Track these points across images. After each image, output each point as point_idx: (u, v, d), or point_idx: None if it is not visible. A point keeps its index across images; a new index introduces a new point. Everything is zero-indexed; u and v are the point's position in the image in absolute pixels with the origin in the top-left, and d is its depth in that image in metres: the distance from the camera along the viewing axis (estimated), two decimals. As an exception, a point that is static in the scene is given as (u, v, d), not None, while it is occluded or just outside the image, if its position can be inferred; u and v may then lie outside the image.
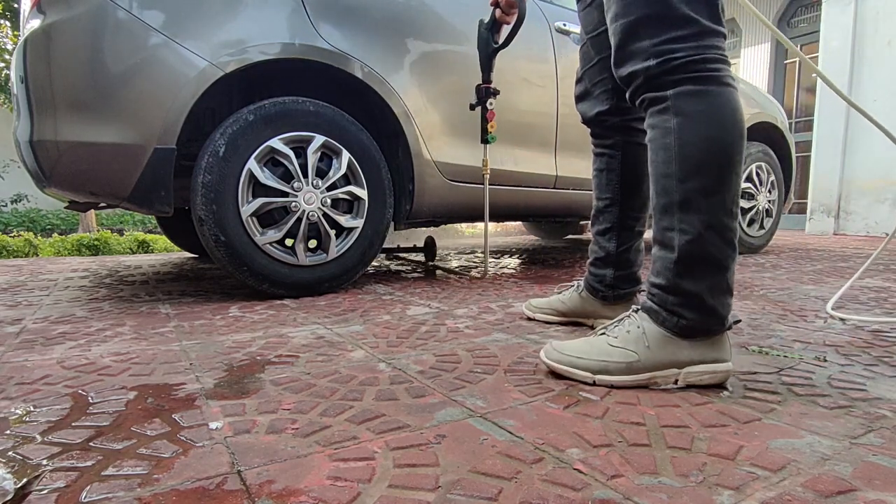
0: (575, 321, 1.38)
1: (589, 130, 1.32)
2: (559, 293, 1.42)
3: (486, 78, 1.91)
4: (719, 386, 0.90)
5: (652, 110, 0.94)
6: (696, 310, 0.89)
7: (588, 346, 0.96)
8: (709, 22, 0.88)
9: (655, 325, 0.93)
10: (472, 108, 2.00)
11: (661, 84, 0.91)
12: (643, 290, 1.09)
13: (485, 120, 1.94)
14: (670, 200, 0.91)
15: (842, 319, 1.40)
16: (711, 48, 0.89)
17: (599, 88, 1.25)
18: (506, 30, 1.82)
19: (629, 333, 0.94)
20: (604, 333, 0.99)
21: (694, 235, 0.89)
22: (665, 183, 0.92)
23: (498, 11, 1.66)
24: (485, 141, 1.99)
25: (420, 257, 3.09)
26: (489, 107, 1.91)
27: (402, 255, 2.86)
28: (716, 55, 0.90)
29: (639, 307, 0.98)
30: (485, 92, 1.93)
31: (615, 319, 1.01)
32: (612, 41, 0.97)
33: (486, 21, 1.85)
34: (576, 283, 1.39)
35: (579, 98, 1.32)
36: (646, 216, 1.27)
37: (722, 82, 0.90)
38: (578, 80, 1.32)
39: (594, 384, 0.92)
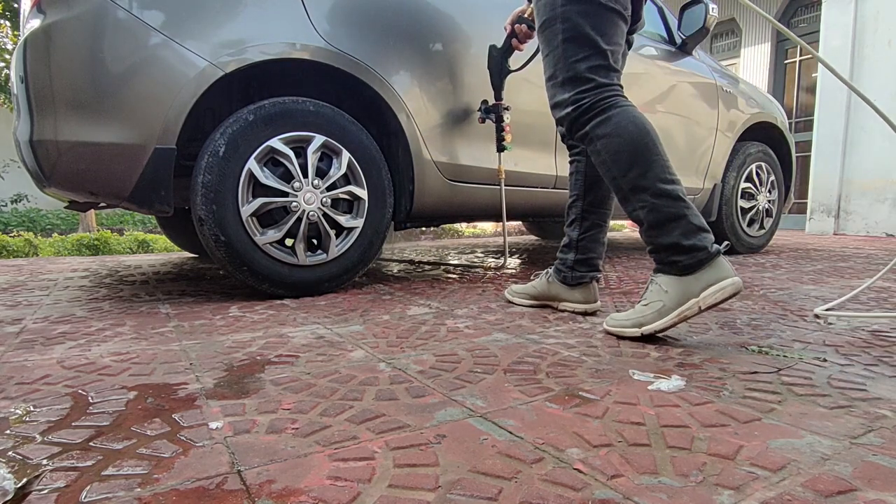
0: (544, 304, 1.61)
1: (567, 144, 1.56)
2: (533, 280, 1.66)
3: (498, 97, 2.08)
4: (720, 385, 0.90)
5: (586, 144, 1.31)
6: (680, 252, 1.18)
7: (630, 312, 1.27)
8: (602, 79, 1.27)
9: (665, 276, 1.21)
10: (483, 121, 2.10)
11: (580, 124, 1.30)
12: (599, 278, 1.53)
13: (501, 130, 2.10)
14: (623, 193, 1.26)
15: (829, 323, 1.39)
16: (607, 91, 1.27)
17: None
18: (517, 54, 1.96)
19: (651, 292, 1.23)
20: (639, 303, 1.27)
21: (650, 206, 1.21)
22: (615, 184, 1.27)
23: (514, 40, 1.85)
24: (501, 149, 2.13)
25: (427, 258, 3.08)
26: (506, 120, 2.10)
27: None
28: (612, 94, 1.28)
29: (651, 274, 1.27)
30: (498, 108, 2.08)
31: (644, 291, 1.29)
32: (548, 94, 1.36)
33: (498, 46, 2.01)
34: (546, 270, 1.62)
35: (558, 123, 1.58)
36: (606, 210, 1.53)
37: (616, 106, 1.26)
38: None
39: (642, 336, 1.21)
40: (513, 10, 2.20)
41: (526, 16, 1.74)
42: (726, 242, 1.21)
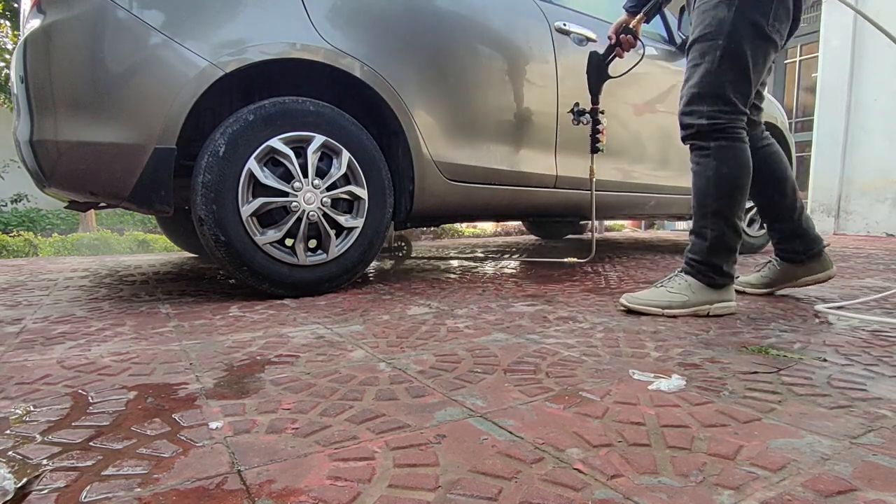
0: (779, 289, 1.78)
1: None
2: (758, 271, 1.81)
3: (595, 101, 2.19)
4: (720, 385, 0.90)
5: (698, 153, 1.48)
6: (719, 273, 1.47)
7: (656, 294, 1.50)
8: (741, 106, 1.44)
9: (695, 280, 1.48)
10: (577, 123, 2.22)
11: (707, 137, 1.45)
12: (827, 244, 1.73)
13: (596, 133, 2.22)
14: (706, 210, 1.47)
15: (836, 317, 1.41)
16: (740, 121, 1.45)
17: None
18: (617, 62, 2.04)
19: (680, 285, 1.48)
20: (662, 286, 1.51)
21: (719, 232, 1.46)
22: (704, 199, 1.47)
23: (618, 49, 1.94)
24: (595, 151, 2.25)
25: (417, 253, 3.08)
26: (603, 124, 2.23)
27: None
28: (741, 125, 1.46)
29: (678, 271, 1.53)
30: (595, 112, 2.21)
31: (666, 278, 1.55)
32: (684, 99, 1.49)
33: (599, 53, 2.08)
34: (770, 259, 1.78)
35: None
36: (797, 201, 1.68)
37: (742, 141, 1.46)
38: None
39: (663, 314, 1.45)
40: (513, 10, 2.21)
41: (631, 26, 1.84)
42: (738, 275, 1.46)
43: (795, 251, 1.69)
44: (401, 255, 2.78)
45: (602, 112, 2.19)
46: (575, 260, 2.63)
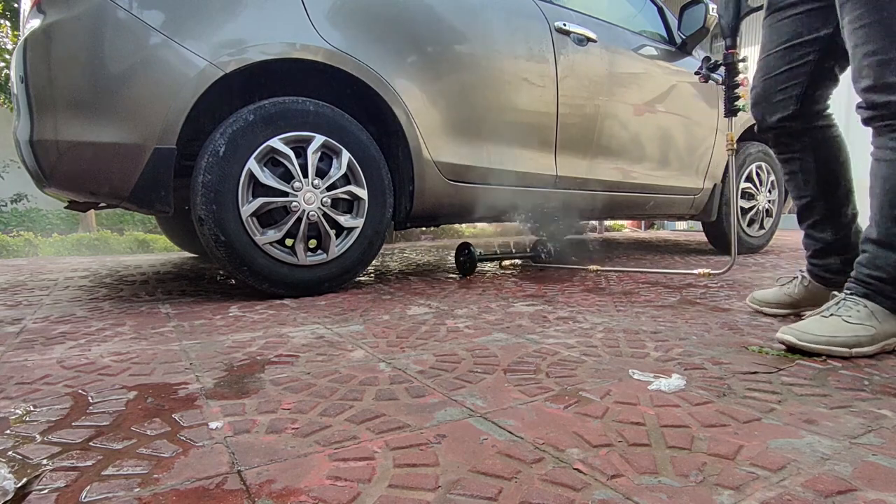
0: (803, 311, 1.43)
1: (772, 139, 1.42)
2: (781, 286, 1.49)
3: (732, 44, 1.64)
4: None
5: None
6: None
7: (833, 327, 1.08)
8: None
9: (878, 305, 1.10)
10: (706, 80, 1.88)
11: None
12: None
13: (734, 87, 1.69)
14: None
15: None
16: None
17: (782, 95, 1.34)
18: None
19: (860, 312, 1.09)
20: (832, 315, 1.11)
21: None
22: None
23: None
24: (732, 112, 1.72)
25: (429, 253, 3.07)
26: (742, 74, 1.68)
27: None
28: None
29: (848, 293, 1.14)
30: (731, 57, 1.67)
31: (831, 303, 1.15)
32: (865, 72, 1.10)
33: None
34: (798, 275, 1.46)
35: (756, 104, 1.40)
36: (851, 203, 1.36)
37: None
38: (754, 88, 1.41)
39: (851, 355, 1.05)
40: (513, 10, 2.21)
41: None
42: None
43: (829, 269, 1.38)
44: (542, 257, 2.68)
45: (743, 60, 1.67)
46: (709, 272, 2.15)
